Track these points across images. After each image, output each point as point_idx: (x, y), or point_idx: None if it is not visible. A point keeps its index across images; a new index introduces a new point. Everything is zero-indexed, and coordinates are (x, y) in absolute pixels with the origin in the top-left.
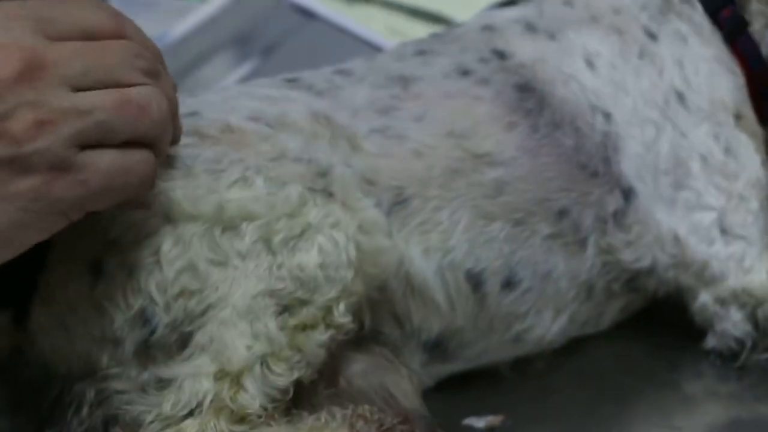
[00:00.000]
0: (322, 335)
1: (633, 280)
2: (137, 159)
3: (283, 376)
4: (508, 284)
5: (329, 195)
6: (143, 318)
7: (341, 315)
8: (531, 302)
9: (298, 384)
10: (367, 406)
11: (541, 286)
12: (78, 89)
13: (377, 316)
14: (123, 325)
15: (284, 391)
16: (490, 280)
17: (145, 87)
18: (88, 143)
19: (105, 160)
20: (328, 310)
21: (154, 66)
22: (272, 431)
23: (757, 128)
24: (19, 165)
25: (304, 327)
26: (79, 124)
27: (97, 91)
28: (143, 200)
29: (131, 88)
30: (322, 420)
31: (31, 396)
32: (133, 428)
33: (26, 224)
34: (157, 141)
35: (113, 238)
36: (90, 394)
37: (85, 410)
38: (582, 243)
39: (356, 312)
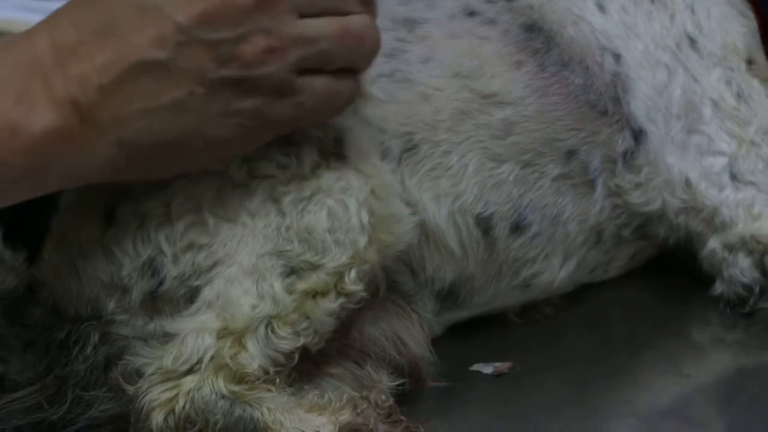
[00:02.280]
0: (332, 303)
1: (643, 226)
2: (346, 86)
3: (287, 340)
4: (517, 228)
5: (342, 158)
6: (152, 268)
7: (352, 282)
8: (540, 247)
9: (305, 348)
10: (383, 395)
11: (549, 230)
12: (304, 16)
13: (391, 268)
14: (131, 273)
15: (288, 356)
16: (499, 225)
17: (361, 17)
18: (308, 68)
19: (319, 85)
20: (339, 276)
21: None
22: (271, 397)
23: None
24: (246, 86)
25: (315, 293)
26: (304, 52)
27: (322, 19)
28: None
29: (351, 18)
30: (325, 398)
31: (41, 336)
32: (133, 378)
33: (240, 138)
34: (364, 69)
35: (127, 186)
36: (95, 336)
37: (89, 349)
38: (591, 184)
39: (371, 280)
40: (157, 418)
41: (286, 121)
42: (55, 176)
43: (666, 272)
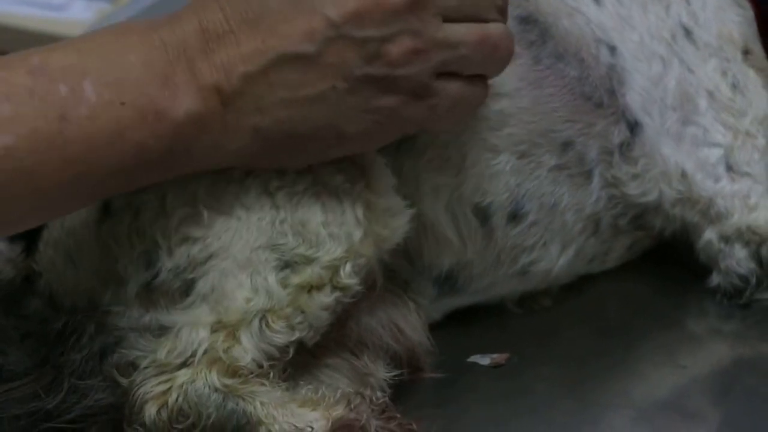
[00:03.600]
0: (327, 297)
1: (639, 216)
2: (477, 91)
3: (281, 334)
4: (515, 217)
5: None
6: (147, 260)
7: (348, 276)
8: (537, 235)
9: (300, 342)
10: (378, 392)
11: (546, 219)
12: (448, 20)
13: (388, 259)
14: (127, 265)
15: (283, 350)
16: (496, 214)
17: (498, 25)
18: (445, 72)
19: (454, 89)
20: (334, 270)
21: (506, 4)
22: (264, 392)
23: (766, 64)
24: (387, 84)
25: (309, 287)
26: (446, 56)
27: (464, 25)
28: None
29: (490, 25)
30: (319, 393)
31: (38, 327)
32: (128, 371)
33: (371, 134)
34: (495, 75)
35: None
36: (91, 327)
37: (84, 339)
38: (587, 175)
39: (367, 273)
40: (150, 410)
41: (418, 122)
42: (192, 161)
43: (663, 263)
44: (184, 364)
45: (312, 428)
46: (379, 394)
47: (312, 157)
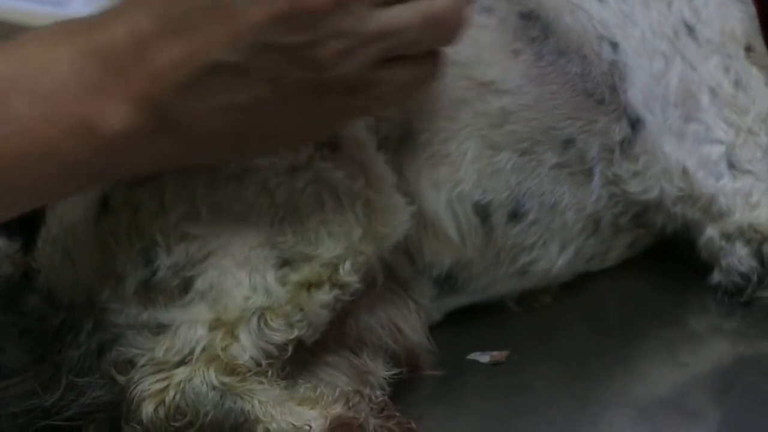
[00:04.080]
0: (326, 295)
1: (640, 214)
2: (428, 69)
3: (280, 332)
4: (515, 216)
5: (337, 148)
6: (146, 258)
7: (347, 274)
8: (537, 234)
9: (299, 341)
10: (377, 390)
11: (547, 218)
12: (389, 2)
13: (389, 257)
14: (125, 263)
15: (281, 348)
16: (497, 212)
17: None
18: (389, 58)
19: (400, 74)
20: (333, 267)
21: None
22: (262, 390)
23: None
24: (322, 87)
25: (309, 285)
26: (384, 45)
27: (402, 7)
28: None
29: (435, 1)
30: (317, 392)
31: (36, 324)
32: (126, 368)
33: (316, 129)
34: (448, 46)
35: None
36: (89, 324)
37: (82, 336)
38: (588, 173)
39: (367, 271)
40: (148, 408)
41: (366, 111)
42: (123, 171)
43: (663, 261)
44: (182, 362)
45: (310, 427)
46: (378, 392)
47: (249, 156)
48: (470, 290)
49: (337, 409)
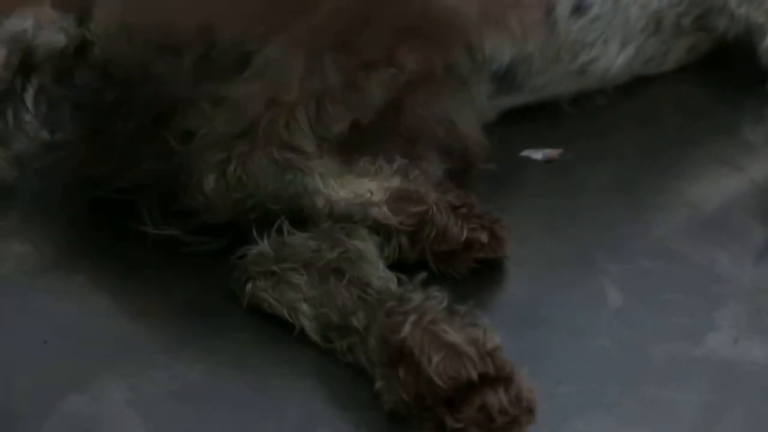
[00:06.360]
0: (381, 73)
1: (703, 16)
2: None
3: (338, 117)
4: (578, 9)
5: None
6: None
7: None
8: (599, 30)
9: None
10: (433, 165)
11: (610, 13)
12: None
13: None
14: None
15: (339, 128)
16: (561, 4)
17: None
18: None
19: None
20: None
21: None
22: (321, 164)
23: None
24: None
25: (364, 65)
26: None
27: None
28: None
29: None
30: (376, 165)
31: (90, 97)
32: (185, 139)
33: None
34: None
35: None
36: (144, 97)
37: (138, 108)
38: None
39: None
40: (209, 179)
41: None
42: None
43: (721, 71)
44: (242, 134)
45: (371, 193)
46: (434, 166)
47: None
48: (527, 88)
49: (396, 182)
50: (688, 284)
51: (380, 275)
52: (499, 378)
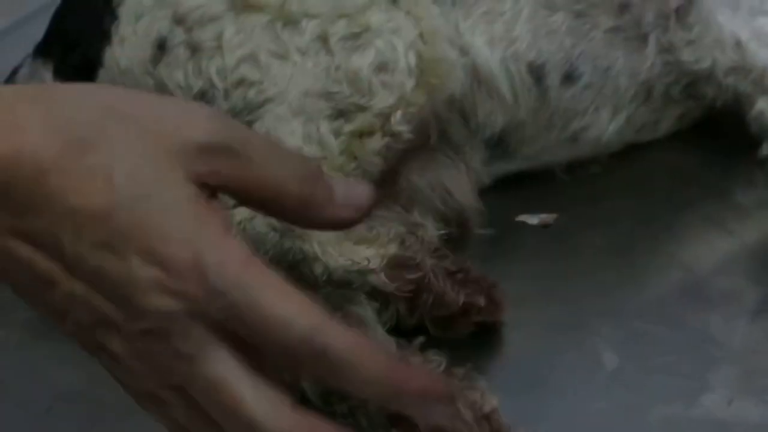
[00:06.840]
0: (378, 142)
1: (692, 85)
2: None
3: None
4: (569, 78)
5: (394, 1)
6: (203, 101)
7: (398, 123)
8: (590, 99)
9: None
10: (429, 232)
11: (600, 82)
12: None
13: (443, 116)
14: None
15: None
16: (551, 73)
17: None
18: None
19: None
20: (385, 117)
21: None
22: (319, 232)
23: None
24: None
25: (361, 134)
26: None
27: None
28: None
29: None
30: (373, 232)
31: None
32: None
33: None
34: None
35: (181, 14)
36: None
37: None
38: (643, 39)
39: (423, 125)
40: None
41: None
42: None
43: (712, 137)
44: None
45: (369, 261)
46: (430, 233)
47: None
48: (521, 155)
49: (394, 249)
50: (682, 346)
51: (379, 339)
52: None
